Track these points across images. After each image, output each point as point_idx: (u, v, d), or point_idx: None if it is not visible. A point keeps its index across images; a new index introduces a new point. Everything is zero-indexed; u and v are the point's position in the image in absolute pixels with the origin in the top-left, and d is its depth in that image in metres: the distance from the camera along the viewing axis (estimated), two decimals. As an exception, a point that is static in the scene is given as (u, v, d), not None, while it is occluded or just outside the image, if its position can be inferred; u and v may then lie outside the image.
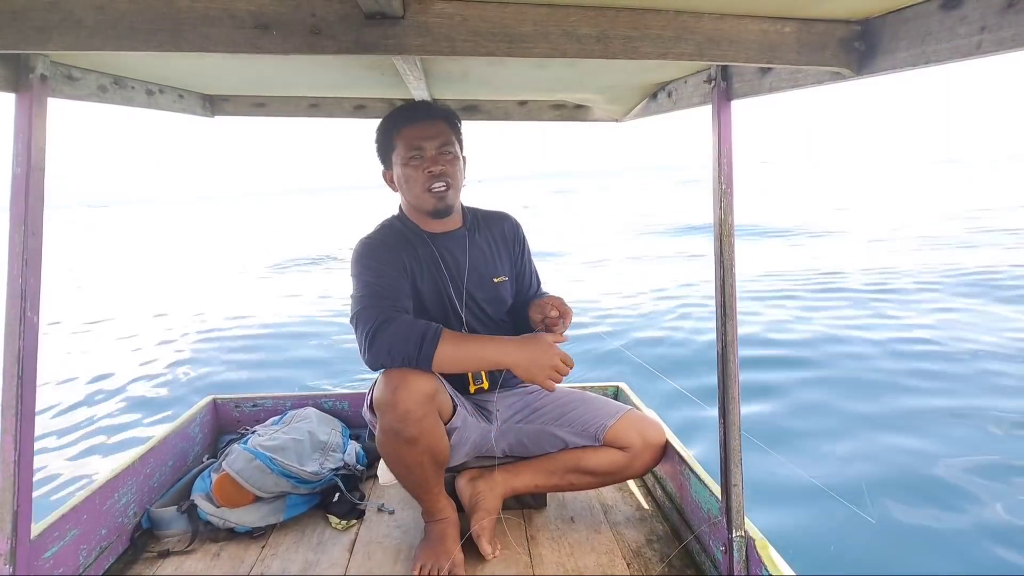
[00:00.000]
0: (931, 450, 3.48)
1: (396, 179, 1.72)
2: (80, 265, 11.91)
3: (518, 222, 1.95)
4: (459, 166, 1.72)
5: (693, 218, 16.79)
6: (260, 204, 33.92)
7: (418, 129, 1.66)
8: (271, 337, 6.32)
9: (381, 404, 1.50)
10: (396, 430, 1.50)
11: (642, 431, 1.76)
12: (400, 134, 1.67)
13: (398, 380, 1.47)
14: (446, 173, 1.66)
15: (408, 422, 1.48)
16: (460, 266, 1.76)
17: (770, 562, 1.35)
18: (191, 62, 1.49)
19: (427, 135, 1.66)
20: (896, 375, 4.62)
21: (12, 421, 1.20)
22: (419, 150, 1.66)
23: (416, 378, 1.47)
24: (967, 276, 7.88)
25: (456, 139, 1.73)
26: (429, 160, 1.65)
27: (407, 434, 1.50)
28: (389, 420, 1.50)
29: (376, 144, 1.77)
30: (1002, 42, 0.84)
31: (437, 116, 1.70)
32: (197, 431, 2.22)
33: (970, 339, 5.33)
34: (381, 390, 1.50)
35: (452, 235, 1.78)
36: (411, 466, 1.57)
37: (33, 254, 1.21)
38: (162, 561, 1.67)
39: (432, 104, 1.77)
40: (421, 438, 1.52)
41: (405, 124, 1.67)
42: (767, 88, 1.34)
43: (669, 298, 7.51)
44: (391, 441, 1.53)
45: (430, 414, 1.52)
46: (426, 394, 1.49)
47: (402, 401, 1.46)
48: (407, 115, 1.69)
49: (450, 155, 1.68)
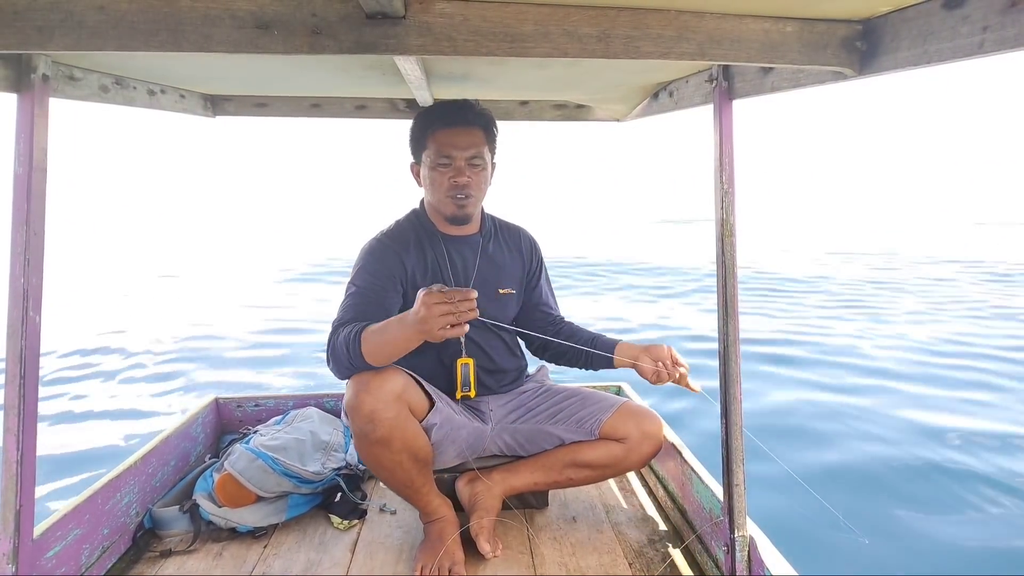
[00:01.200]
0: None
1: (422, 177, 1.71)
2: (77, 263, 11.97)
3: (535, 240, 1.94)
4: (486, 176, 1.70)
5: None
6: (260, 203, 34.07)
7: (452, 135, 1.63)
8: (271, 337, 6.32)
9: (348, 408, 1.51)
10: (365, 432, 1.49)
11: (638, 422, 1.75)
12: (434, 136, 1.64)
13: (360, 383, 1.47)
14: (471, 185, 1.65)
15: (376, 423, 1.47)
16: (468, 271, 1.75)
17: (772, 562, 1.34)
18: (192, 62, 1.49)
19: (460, 144, 1.62)
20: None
21: (15, 421, 1.20)
22: (449, 157, 1.63)
23: (380, 378, 1.48)
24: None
25: (490, 147, 1.70)
26: (456, 170, 1.64)
27: (377, 435, 1.49)
28: (358, 424, 1.49)
29: (409, 136, 1.74)
30: (1004, 41, 0.84)
31: (474, 123, 1.66)
32: (199, 431, 2.23)
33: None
34: (347, 395, 1.51)
35: (466, 240, 1.77)
36: (391, 467, 1.56)
37: (35, 254, 1.22)
38: (164, 561, 1.67)
39: (472, 107, 1.69)
40: (394, 437, 1.50)
41: (441, 127, 1.64)
42: (769, 88, 1.34)
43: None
44: (365, 444, 1.53)
45: (399, 412, 1.50)
46: (392, 392, 1.48)
47: (366, 403, 1.46)
48: (444, 117, 1.65)
49: (479, 166, 1.66)
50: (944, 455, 3.50)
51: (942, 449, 3.57)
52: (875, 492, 3.14)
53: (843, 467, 3.38)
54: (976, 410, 4.18)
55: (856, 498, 3.09)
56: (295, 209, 28.56)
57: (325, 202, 33.99)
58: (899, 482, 3.24)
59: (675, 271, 10.19)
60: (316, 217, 23.48)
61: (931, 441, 3.67)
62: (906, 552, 2.65)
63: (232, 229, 18.76)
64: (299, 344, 5.98)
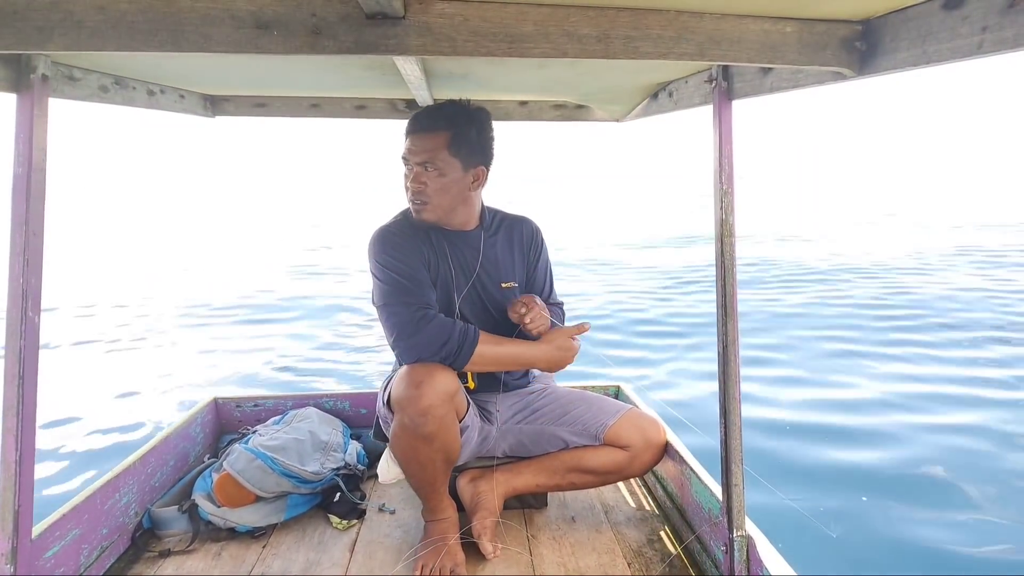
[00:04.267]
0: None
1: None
2: (75, 257, 11.98)
3: (537, 227, 1.92)
4: (448, 181, 1.62)
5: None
6: (258, 200, 34.19)
7: (411, 140, 1.62)
8: (271, 335, 6.32)
9: (402, 399, 1.50)
10: (416, 425, 1.51)
11: (643, 430, 1.76)
12: (405, 139, 1.66)
13: (422, 376, 1.49)
14: (424, 191, 1.62)
15: (428, 418, 1.49)
16: (469, 266, 1.75)
17: (771, 562, 1.35)
18: (192, 62, 1.49)
19: (415, 148, 1.61)
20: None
21: (13, 421, 1.20)
22: (406, 161, 1.64)
23: (441, 375, 1.50)
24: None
25: (456, 150, 1.61)
26: (411, 174, 1.64)
27: (426, 430, 1.51)
28: (410, 415, 1.50)
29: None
30: (1003, 42, 0.84)
31: (437, 127, 1.60)
32: (198, 431, 2.23)
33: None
34: (403, 386, 1.50)
35: (467, 234, 1.76)
36: (424, 463, 1.58)
37: (34, 254, 1.21)
38: (163, 561, 1.67)
39: (448, 110, 1.63)
40: (438, 435, 1.53)
41: (406, 133, 1.64)
42: (768, 88, 1.34)
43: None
44: (408, 436, 1.54)
45: (449, 412, 1.54)
46: (449, 392, 1.51)
47: (425, 396, 1.48)
48: (410, 123, 1.65)
49: (432, 171, 1.61)
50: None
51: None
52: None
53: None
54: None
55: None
56: (293, 208, 28.57)
57: (323, 202, 34.00)
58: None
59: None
60: (314, 217, 23.48)
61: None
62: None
63: (229, 230, 18.75)
64: (298, 343, 5.98)
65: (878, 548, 2.67)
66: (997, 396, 4.30)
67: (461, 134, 1.62)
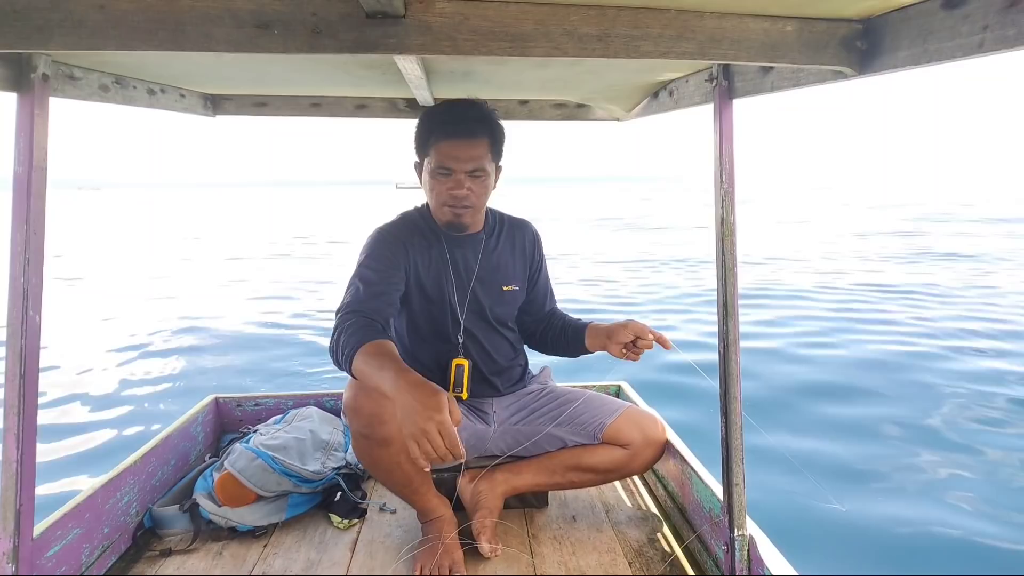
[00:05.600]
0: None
1: (423, 181, 1.68)
2: (72, 251, 11.99)
3: (537, 232, 1.92)
4: (488, 184, 1.65)
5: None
6: (258, 195, 34.35)
7: (454, 147, 1.57)
8: (272, 335, 6.32)
9: (348, 409, 1.50)
10: (365, 434, 1.49)
11: (642, 428, 1.76)
12: (437, 145, 1.59)
13: (359, 384, 1.45)
14: (470, 197, 1.62)
15: (375, 424, 1.47)
16: (470, 270, 1.75)
17: (772, 561, 1.34)
18: (192, 61, 1.49)
19: (461, 156, 1.58)
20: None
21: (14, 420, 1.20)
22: (449, 169, 1.59)
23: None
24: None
25: (494, 155, 1.64)
26: (455, 182, 1.60)
27: (377, 436, 1.49)
28: (358, 425, 1.49)
29: (415, 135, 1.68)
30: (1004, 41, 0.84)
31: (478, 133, 1.59)
32: (199, 430, 2.23)
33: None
34: (347, 394, 1.50)
35: (469, 238, 1.75)
36: (389, 468, 1.55)
37: (35, 253, 1.21)
38: (164, 560, 1.67)
39: (477, 116, 1.61)
40: (394, 438, 1.48)
41: (443, 137, 1.58)
42: (769, 87, 1.34)
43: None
44: (363, 446, 1.53)
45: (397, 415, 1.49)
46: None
47: (364, 405, 1.46)
48: (447, 128, 1.58)
49: (480, 177, 1.62)
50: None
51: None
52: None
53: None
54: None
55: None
56: (291, 207, 28.56)
57: (320, 202, 34.00)
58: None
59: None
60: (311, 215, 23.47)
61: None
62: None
63: (228, 221, 18.74)
64: (296, 343, 5.98)
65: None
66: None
67: (496, 138, 1.64)
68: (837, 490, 3.13)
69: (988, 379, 4.69)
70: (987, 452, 3.50)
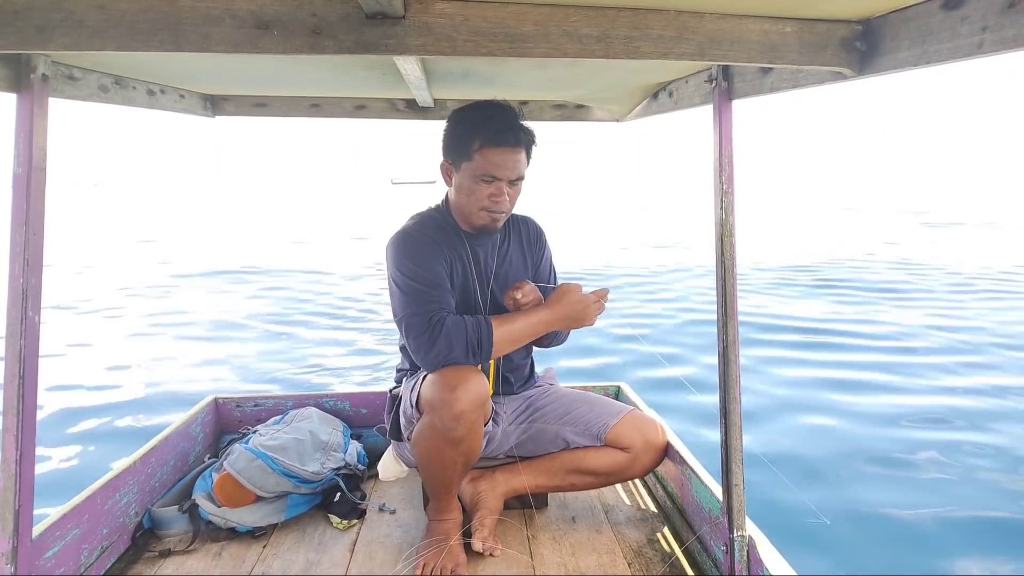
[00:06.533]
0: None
1: (457, 183, 1.65)
2: (74, 248, 12.02)
3: (541, 228, 1.93)
4: (520, 191, 1.67)
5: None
6: (257, 198, 34.36)
7: (502, 155, 1.57)
8: (272, 334, 6.32)
9: (435, 402, 1.50)
10: (447, 428, 1.50)
11: (643, 432, 1.76)
12: (483, 151, 1.57)
13: (457, 380, 1.48)
14: (507, 204, 1.63)
15: (461, 422, 1.49)
16: (489, 269, 1.76)
17: (771, 562, 1.35)
18: (192, 62, 1.49)
19: (508, 165, 1.58)
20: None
21: (14, 420, 1.20)
22: (494, 177, 1.59)
23: (475, 380, 1.49)
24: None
25: (528, 162, 1.66)
26: (498, 189, 1.60)
27: (456, 434, 1.51)
28: (442, 417, 1.50)
29: (450, 136, 1.64)
30: (1003, 42, 0.84)
31: (522, 143, 1.61)
32: (198, 431, 2.23)
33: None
34: (436, 389, 1.50)
35: (487, 238, 1.75)
36: (447, 465, 1.58)
37: (34, 254, 1.21)
38: (163, 561, 1.67)
39: (522, 127, 1.62)
40: (466, 440, 1.53)
41: (491, 145, 1.56)
42: (768, 88, 1.34)
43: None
44: (436, 438, 1.54)
45: (480, 418, 1.54)
46: (482, 397, 1.51)
47: (460, 401, 1.47)
48: (497, 137, 1.57)
49: (518, 185, 1.64)
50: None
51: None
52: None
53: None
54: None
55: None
56: (288, 207, 28.57)
57: (317, 203, 34.00)
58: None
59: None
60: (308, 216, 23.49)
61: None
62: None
63: (228, 227, 18.76)
64: (297, 342, 5.98)
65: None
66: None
67: (532, 147, 1.65)
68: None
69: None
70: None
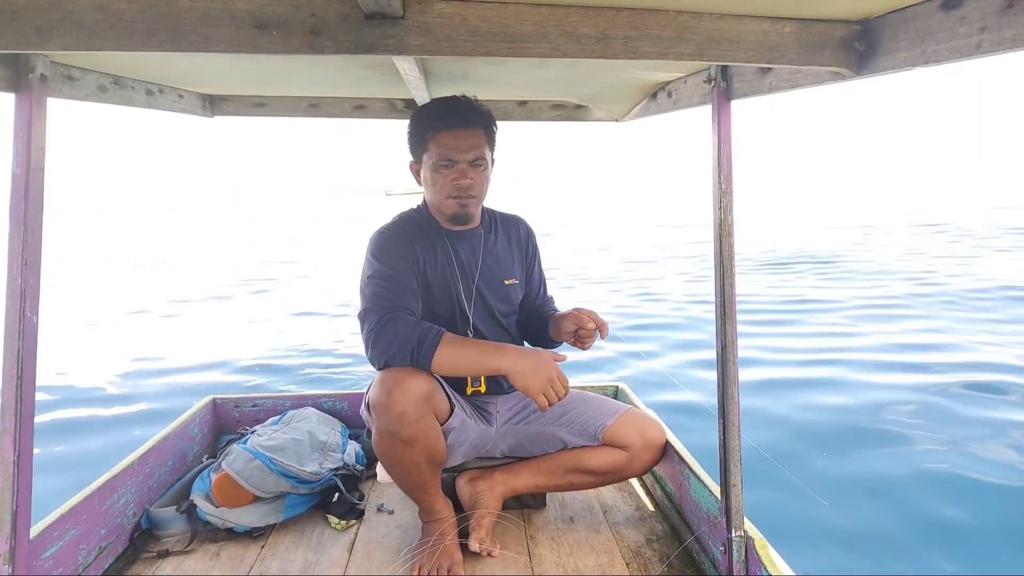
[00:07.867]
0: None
1: (423, 178, 1.69)
2: (78, 263, 12.01)
3: (531, 227, 1.94)
4: (488, 175, 1.69)
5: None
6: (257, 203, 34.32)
7: (454, 137, 1.59)
8: (271, 334, 6.32)
9: (376, 405, 1.50)
10: (392, 431, 1.50)
11: (642, 430, 1.76)
12: (435, 138, 1.60)
13: (393, 381, 1.47)
14: (473, 186, 1.64)
15: (404, 423, 1.48)
16: (473, 266, 1.75)
17: (769, 562, 1.35)
18: (191, 62, 1.49)
19: (462, 146, 1.60)
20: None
21: (11, 421, 1.20)
22: (451, 160, 1.61)
23: (412, 379, 1.47)
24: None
25: (490, 146, 1.67)
26: (459, 172, 1.61)
27: (403, 435, 1.50)
28: (384, 421, 1.50)
29: (408, 135, 1.70)
30: (1002, 42, 0.84)
31: (476, 123, 1.63)
32: (196, 431, 2.22)
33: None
34: (376, 390, 1.50)
35: (469, 234, 1.76)
36: (408, 467, 1.57)
37: (33, 254, 1.21)
38: (161, 561, 1.66)
39: (472, 107, 1.65)
40: (418, 439, 1.51)
41: (442, 129, 1.60)
42: (767, 88, 1.34)
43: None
44: (387, 442, 1.53)
45: (426, 415, 1.52)
46: (421, 395, 1.48)
47: (397, 402, 1.46)
48: (445, 118, 1.60)
49: (481, 167, 1.64)
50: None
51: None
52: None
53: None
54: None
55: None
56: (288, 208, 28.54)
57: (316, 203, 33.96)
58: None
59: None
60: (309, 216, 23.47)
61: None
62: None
63: (227, 227, 18.74)
64: (296, 342, 5.98)
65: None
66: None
67: (491, 129, 1.68)
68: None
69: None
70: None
